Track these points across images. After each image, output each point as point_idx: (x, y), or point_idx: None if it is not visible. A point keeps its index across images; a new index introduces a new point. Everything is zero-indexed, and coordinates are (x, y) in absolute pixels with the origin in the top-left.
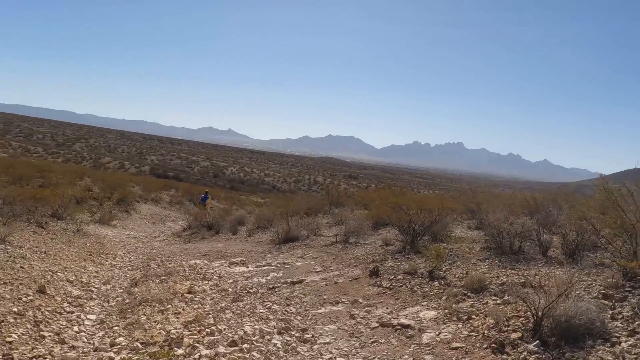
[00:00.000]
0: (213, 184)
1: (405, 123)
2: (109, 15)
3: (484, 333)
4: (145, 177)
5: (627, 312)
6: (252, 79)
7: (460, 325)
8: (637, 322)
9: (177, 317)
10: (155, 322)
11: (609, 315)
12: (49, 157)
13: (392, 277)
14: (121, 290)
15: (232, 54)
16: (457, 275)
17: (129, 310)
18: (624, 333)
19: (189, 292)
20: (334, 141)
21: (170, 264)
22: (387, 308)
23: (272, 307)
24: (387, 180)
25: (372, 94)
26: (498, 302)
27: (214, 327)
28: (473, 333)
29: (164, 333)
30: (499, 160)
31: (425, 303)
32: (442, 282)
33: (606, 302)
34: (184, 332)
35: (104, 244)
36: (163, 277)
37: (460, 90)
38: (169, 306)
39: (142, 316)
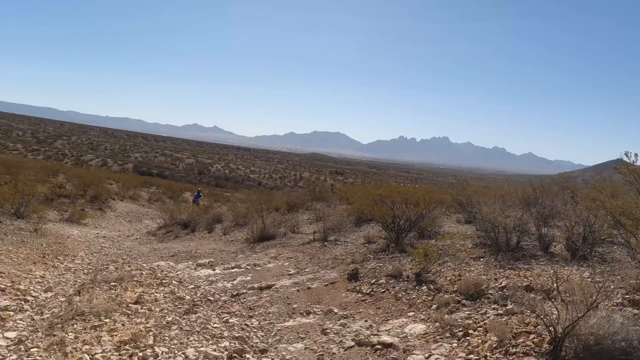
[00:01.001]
0: (198, 181)
1: (391, 118)
2: (92, 13)
3: (486, 356)
4: (125, 174)
5: None
6: (237, 76)
7: (455, 344)
8: None
9: (112, 336)
10: (83, 342)
11: None
12: (28, 155)
13: (374, 281)
14: (63, 299)
15: (218, 51)
16: (448, 278)
17: (59, 326)
18: None
19: (137, 302)
20: (320, 137)
21: (130, 266)
22: (366, 320)
23: (230, 320)
24: (374, 175)
25: (358, 89)
26: (500, 312)
27: (149, 350)
28: (472, 355)
29: (88, 359)
30: (484, 153)
31: (411, 314)
32: (432, 287)
33: (637, 312)
34: (112, 358)
35: (65, 244)
36: (113, 283)
37: (446, 85)
38: (107, 320)
39: (69, 334)
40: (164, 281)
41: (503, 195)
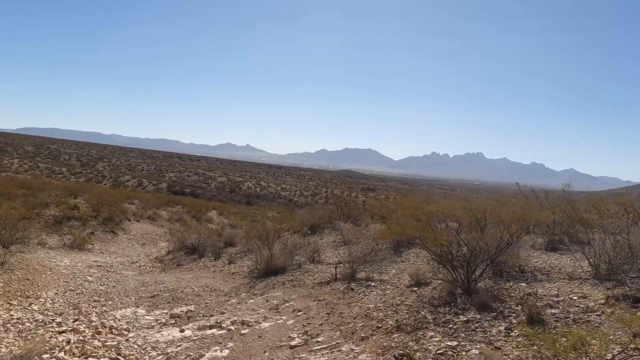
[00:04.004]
0: (229, 199)
1: (423, 134)
2: (131, 40)
3: None
4: (149, 193)
5: None
6: (269, 95)
7: None
8: None
9: None
10: None
11: None
12: (72, 178)
13: None
14: None
15: (251, 72)
16: None
17: None
18: None
19: None
20: (351, 154)
21: (77, 321)
22: None
23: None
24: (406, 191)
25: (390, 106)
26: None
27: None
28: None
29: None
30: (521, 169)
31: None
32: None
33: None
34: None
35: (36, 280)
36: None
37: (481, 100)
38: None
39: None
40: None
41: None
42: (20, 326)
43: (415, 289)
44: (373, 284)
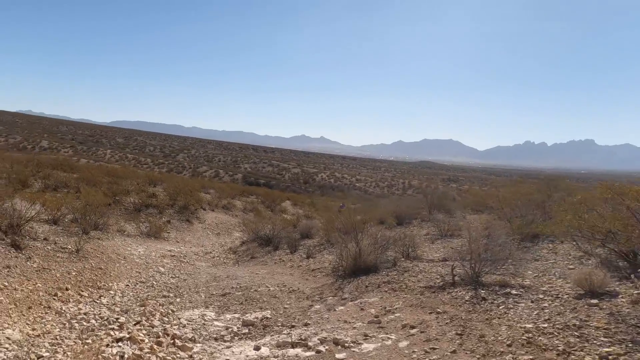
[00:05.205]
0: (302, 190)
1: (513, 122)
2: (210, 35)
3: None
4: (223, 183)
5: None
6: (343, 86)
7: None
8: None
9: None
10: None
11: None
12: (155, 168)
13: None
14: None
15: (323, 63)
16: None
17: None
18: None
19: None
20: (430, 145)
21: (137, 324)
22: None
23: None
24: (492, 182)
25: (473, 93)
26: None
27: None
28: None
29: None
30: None
31: None
32: None
33: None
34: None
35: (109, 270)
36: None
37: (588, 80)
38: None
39: None
40: None
41: None
42: (85, 323)
43: (593, 301)
44: (513, 291)
